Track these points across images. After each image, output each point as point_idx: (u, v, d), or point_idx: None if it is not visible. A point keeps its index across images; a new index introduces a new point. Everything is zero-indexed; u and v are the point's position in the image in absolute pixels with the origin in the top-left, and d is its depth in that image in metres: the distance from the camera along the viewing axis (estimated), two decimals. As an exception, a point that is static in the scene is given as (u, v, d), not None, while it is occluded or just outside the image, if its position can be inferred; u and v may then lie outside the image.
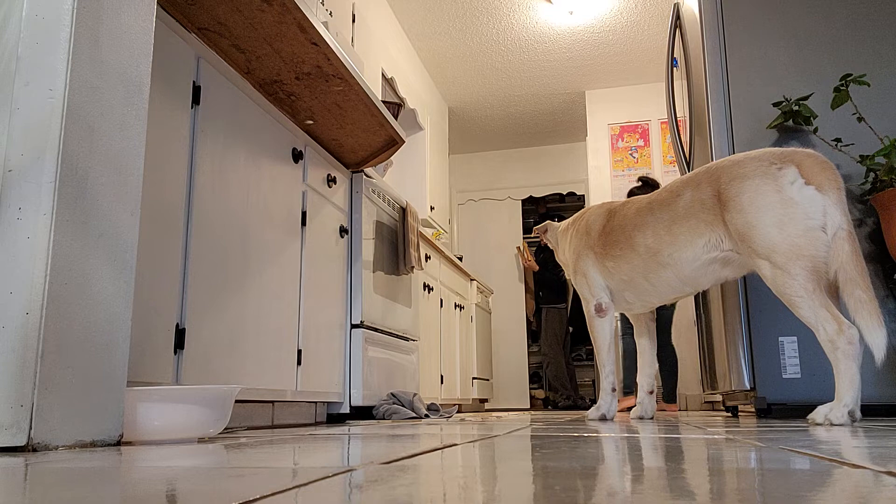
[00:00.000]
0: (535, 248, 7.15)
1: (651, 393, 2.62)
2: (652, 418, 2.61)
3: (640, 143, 6.09)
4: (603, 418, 2.43)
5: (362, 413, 2.85)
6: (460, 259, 6.00)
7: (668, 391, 4.48)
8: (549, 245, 2.90)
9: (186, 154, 1.74)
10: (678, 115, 3.34)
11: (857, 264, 1.83)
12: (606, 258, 2.44)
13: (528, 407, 6.73)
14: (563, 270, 5.43)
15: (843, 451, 0.89)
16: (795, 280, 1.87)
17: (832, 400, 1.99)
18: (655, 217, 2.27)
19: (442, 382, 4.25)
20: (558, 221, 6.01)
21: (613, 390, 2.46)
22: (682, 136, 3.28)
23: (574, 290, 5.58)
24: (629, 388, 4.55)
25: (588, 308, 2.53)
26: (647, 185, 4.36)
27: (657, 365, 2.60)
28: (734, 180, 2.01)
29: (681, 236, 2.18)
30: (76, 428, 1.11)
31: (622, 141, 6.13)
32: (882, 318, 1.79)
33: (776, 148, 2.05)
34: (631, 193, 4.36)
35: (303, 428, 2.01)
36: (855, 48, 2.69)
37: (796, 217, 1.89)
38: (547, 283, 6.57)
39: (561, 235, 2.77)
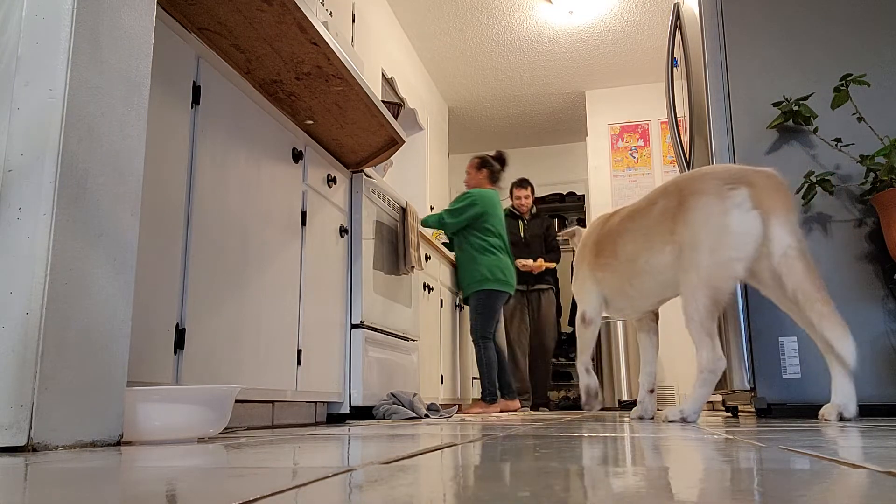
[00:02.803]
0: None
1: (651, 392, 2.63)
2: (652, 418, 2.62)
3: (640, 143, 6.09)
4: (589, 402, 2.66)
5: (362, 413, 2.85)
6: (460, 259, 5.99)
7: (484, 391, 4.32)
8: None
9: (186, 154, 1.74)
10: (678, 115, 3.34)
11: (813, 281, 1.90)
12: (597, 268, 2.53)
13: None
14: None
15: (843, 452, 0.89)
16: (695, 303, 2.00)
17: (832, 400, 2.06)
18: (635, 225, 2.35)
19: (442, 382, 4.25)
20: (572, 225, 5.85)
21: (595, 396, 2.67)
22: (682, 136, 3.28)
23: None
24: (501, 392, 4.40)
25: (578, 315, 2.67)
26: (498, 159, 4.59)
27: (655, 365, 2.68)
28: (693, 194, 2.09)
29: (654, 243, 2.25)
30: (76, 428, 1.11)
31: (622, 141, 6.13)
32: (847, 328, 1.86)
33: (737, 166, 2.10)
34: (484, 162, 4.55)
35: (303, 428, 2.01)
36: (855, 48, 2.69)
37: (724, 247, 1.97)
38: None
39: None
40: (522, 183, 5.50)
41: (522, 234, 5.37)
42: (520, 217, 5.43)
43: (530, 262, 5.19)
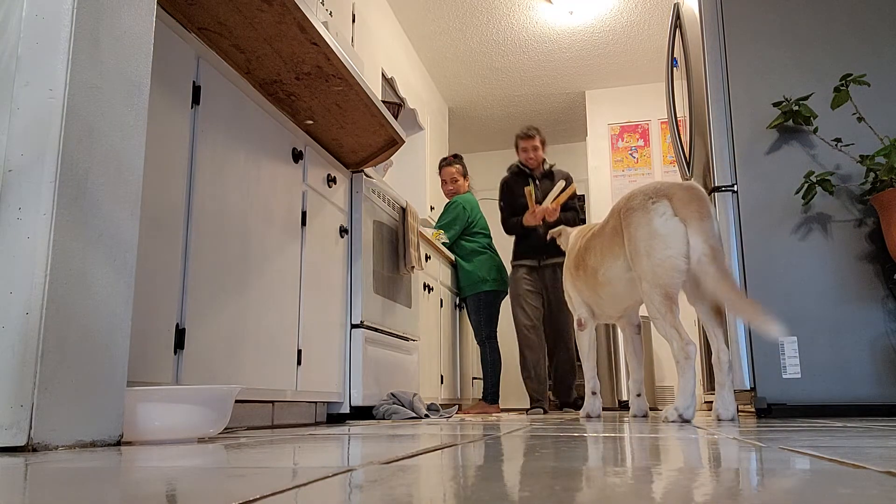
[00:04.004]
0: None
1: (639, 395, 2.79)
2: (646, 415, 2.70)
3: (640, 143, 6.08)
4: (588, 417, 2.71)
5: (362, 413, 2.85)
6: (460, 259, 5.99)
7: (487, 391, 4.27)
8: (562, 248, 3.18)
9: (186, 154, 1.74)
10: (678, 115, 3.34)
11: (726, 282, 2.07)
12: (576, 278, 2.76)
13: (529, 407, 6.72)
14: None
15: (843, 452, 0.89)
16: (653, 304, 2.21)
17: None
18: (595, 241, 2.60)
19: (442, 382, 4.25)
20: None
21: (594, 393, 2.77)
22: (682, 136, 3.28)
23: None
24: (494, 396, 4.29)
25: (574, 321, 2.85)
26: (456, 157, 4.74)
27: (641, 372, 2.80)
28: (628, 211, 2.33)
29: (607, 258, 2.49)
30: (76, 428, 1.11)
31: (622, 141, 6.13)
32: (770, 314, 1.99)
33: (662, 182, 2.32)
34: (465, 168, 4.71)
35: (303, 428, 2.01)
36: (855, 48, 2.69)
37: (658, 248, 2.19)
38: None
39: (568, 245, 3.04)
40: (528, 133, 4.43)
41: (533, 195, 4.36)
42: (529, 174, 4.48)
43: (539, 206, 4.10)
